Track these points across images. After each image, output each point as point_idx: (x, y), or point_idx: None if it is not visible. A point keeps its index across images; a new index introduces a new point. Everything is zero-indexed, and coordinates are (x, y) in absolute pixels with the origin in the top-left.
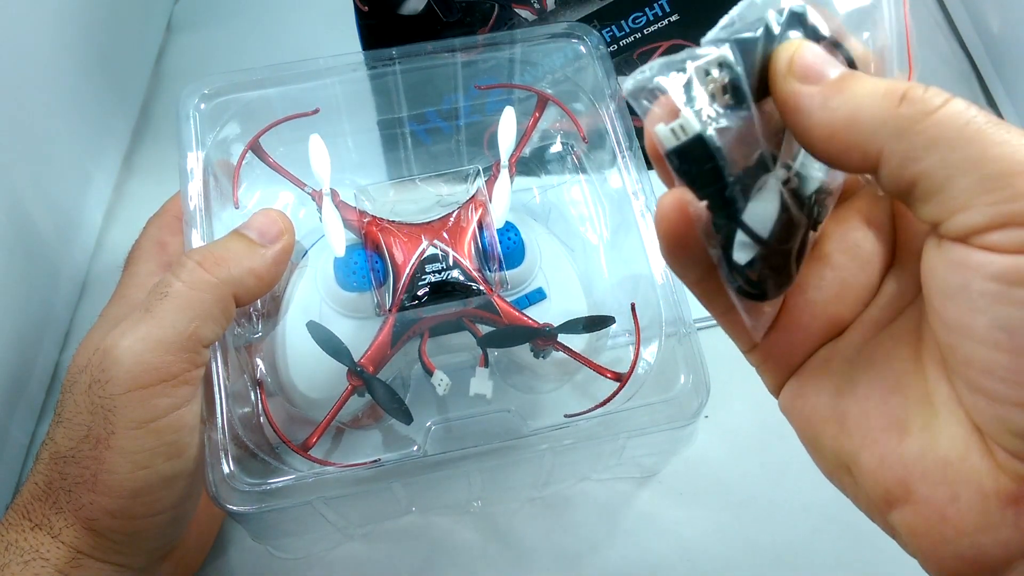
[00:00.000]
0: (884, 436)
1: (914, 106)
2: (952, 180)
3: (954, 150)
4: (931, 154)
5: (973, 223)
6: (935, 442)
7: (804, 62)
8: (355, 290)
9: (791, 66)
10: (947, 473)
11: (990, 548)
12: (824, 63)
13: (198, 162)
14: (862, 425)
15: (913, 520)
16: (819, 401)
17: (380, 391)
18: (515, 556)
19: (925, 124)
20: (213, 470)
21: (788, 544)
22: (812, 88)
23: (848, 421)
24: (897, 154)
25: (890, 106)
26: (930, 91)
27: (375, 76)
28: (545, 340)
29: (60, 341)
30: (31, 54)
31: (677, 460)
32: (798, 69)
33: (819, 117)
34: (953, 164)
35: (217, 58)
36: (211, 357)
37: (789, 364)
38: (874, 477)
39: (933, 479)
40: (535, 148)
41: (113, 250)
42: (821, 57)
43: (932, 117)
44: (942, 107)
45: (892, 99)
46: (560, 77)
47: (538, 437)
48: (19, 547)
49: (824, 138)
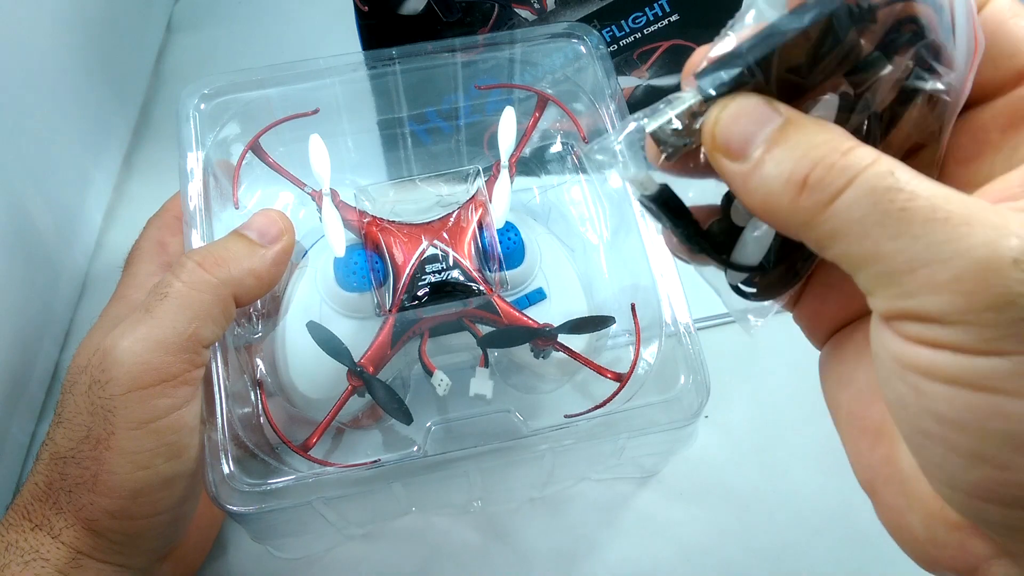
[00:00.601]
0: (862, 438)
1: (813, 196)
2: (856, 270)
3: (853, 243)
4: (834, 245)
5: (879, 308)
6: (898, 456)
7: (725, 136)
8: (355, 290)
9: (714, 141)
10: (903, 487)
11: (942, 560)
12: (745, 135)
13: (198, 162)
14: (848, 420)
15: (881, 516)
16: (829, 383)
17: (380, 391)
18: (515, 556)
19: (823, 217)
20: (213, 470)
21: (788, 544)
22: (734, 167)
23: (840, 413)
24: (809, 241)
25: (792, 196)
26: (837, 167)
27: (375, 76)
28: (545, 340)
29: (60, 341)
30: (31, 54)
31: (677, 460)
32: (720, 145)
33: (744, 198)
34: (852, 257)
35: (217, 58)
36: (211, 357)
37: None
38: (853, 469)
39: (893, 488)
40: (535, 148)
41: (113, 250)
42: (744, 125)
43: (829, 209)
44: (844, 191)
45: (794, 187)
46: (560, 77)
47: (538, 437)
48: (19, 547)
49: (757, 214)
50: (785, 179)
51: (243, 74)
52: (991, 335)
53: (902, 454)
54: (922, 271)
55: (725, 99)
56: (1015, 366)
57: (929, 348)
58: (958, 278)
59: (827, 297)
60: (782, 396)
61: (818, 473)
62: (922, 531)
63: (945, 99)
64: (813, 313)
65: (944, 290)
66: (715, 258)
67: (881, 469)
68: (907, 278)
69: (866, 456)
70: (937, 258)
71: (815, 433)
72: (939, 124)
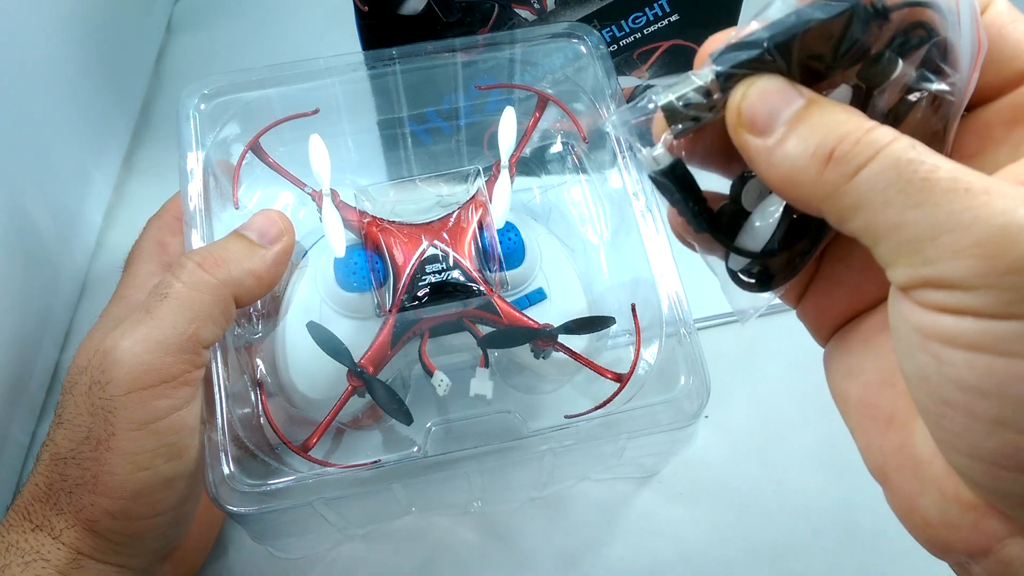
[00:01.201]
0: (872, 425)
1: (838, 168)
2: (877, 241)
3: (876, 213)
4: (857, 216)
5: (899, 279)
6: (910, 440)
7: (751, 112)
8: (355, 290)
9: (739, 117)
10: (916, 470)
11: (954, 543)
12: (772, 111)
13: (198, 162)
14: (858, 410)
15: (891, 502)
16: (835, 379)
17: (380, 392)
18: (515, 556)
19: (847, 188)
20: (213, 471)
21: (788, 544)
22: (759, 142)
23: (849, 402)
24: (830, 214)
25: (817, 169)
26: (863, 142)
27: (375, 76)
28: (545, 340)
29: (60, 341)
30: (31, 54)
31: (677, 460)
32: (746, 120)
33: (767, 172)
34: (874, 227)
35: (217, 58)
36: (211, 358)
37: (825, 326)
38: (864, 458)
39: (905, 473)
40: (535, 148)
41: (113, 250)
42: (770, 102)
43: (854, 181)
44: (868, 163)
45: (820, 160)
46: (560, 77)
47: (538, 438)
48: (20, 548)
49: (777, 189)
50: (811, 153)
51: (243, 74)
52: (1011, 298)
53: (916, 438)
54: (944, 237)
55: (751, 78)
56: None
57: (950, 315)
58: (979, 243)
59: (832, 293)
60: (782, 396)
61: (818, 473)
62: (935, 514)
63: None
64: (817, 309)
65: (965, 255)
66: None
67: (893, 455)
68: (929, 245)
69: (877, 443)
70: (959, 224)
71: (815, 433)
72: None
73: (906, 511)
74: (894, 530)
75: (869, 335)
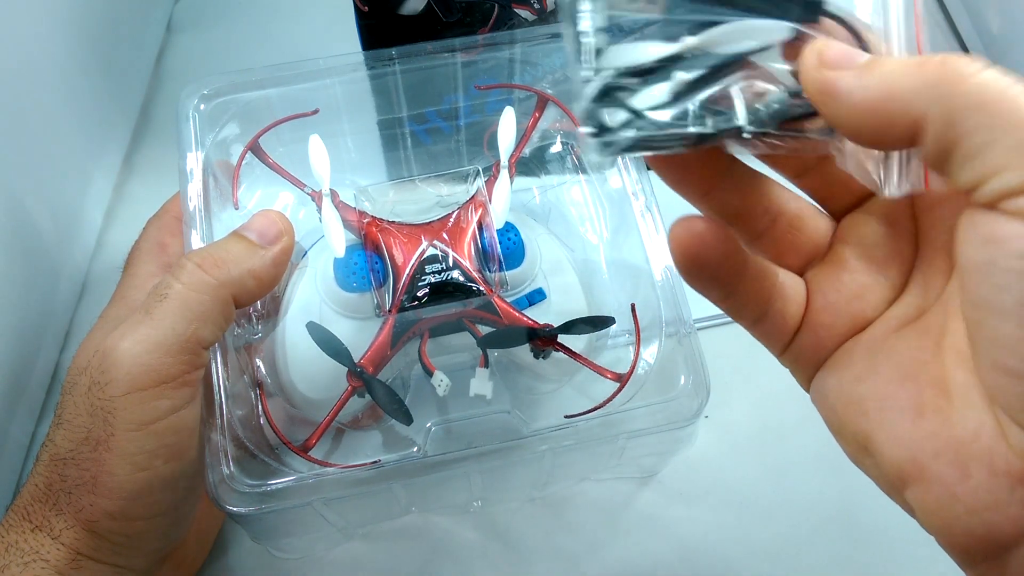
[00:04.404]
0: (899, 417)
1: (955, 69)
2: (994, 141)
3: (996, 113)
4: (974, 115)
5: (1008, 185)
6: (948, 423)
7: (831, 53)
8: (355, 291)
9: (820, 58)
10: (959, 453)
11: (1000, 525)
12: (851, 53)
13: (198, 163)
14: (879, 407)
15: (925, 498)
16: (841, 388)
17: (380, 392)
18: (515, 556)
19: (966, 87)
20: (213, 471)
21: (788, 544)
22: (844, 72)
23: (866, 403)
24: (939, 118)
25: (930, 71)
26: (965, 58)
27: (375, 76)
28: (545, 340)
29: (60, 341)
30: (31, 54)
31: (677, 460)
32: (828, 60)
33: (856, 97)
34: (995, 126)
35: (217, 58)
36: (211, 358)
37: (817, 360)
38: (889, 455)
39: (945, 458)
40: (535, 148)
41: (113, 250)
42: (847, 48)
43: (973, 80)
44: (981, 71)
45: (930, 65)
46: (560, 77)
47: (538, 438)
48: (19, 548)
49: (863, 115)
50: (918, 62)
51: (243, 74)
52: None
53: (955, 420)
54: None
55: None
56: None
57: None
58: None
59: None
60: (782, 396)
61: (818, 473)
62: (983, 495)
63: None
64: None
65: None
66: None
67: (929, 443)
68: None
69: (908, 435)
70: None
71: (815, 433)
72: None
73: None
74: (894, 530)
75: (874, 343)
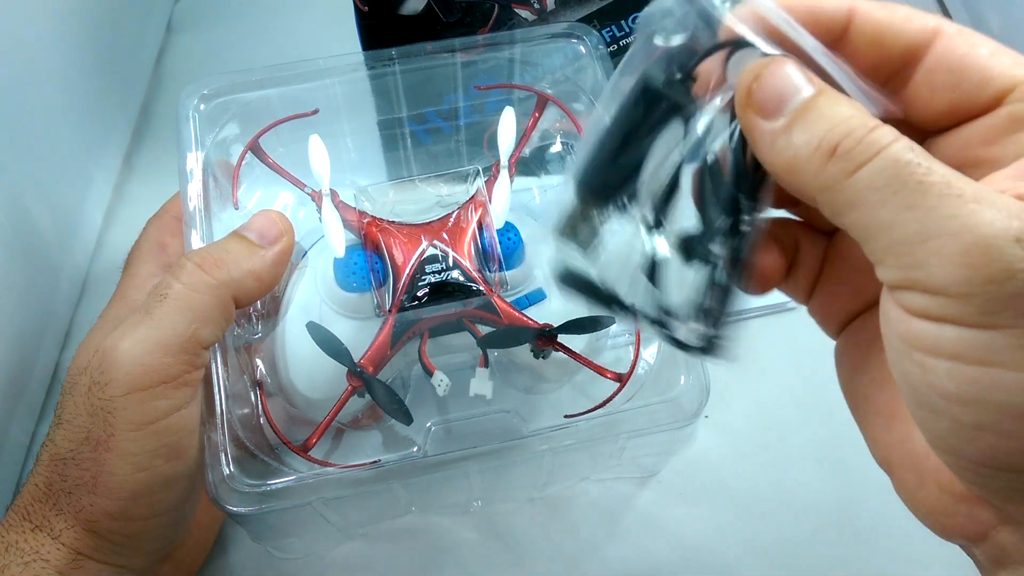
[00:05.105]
0: (876, 420)
1: (839, 164)
2: (868, 238)
3: (870, 211)
4: (852, 212)
5: (887, 278)
6: (910, 436)
7: (761, 95)
8: (355, 291)
9: (749, 97)
10: (916, 464)
11: (953, 528)
12: (782, 96)
13: (198, 163)
14: (864, 405)
15: (898, 491)
16: (844, 371)
17: (380, 392)
18: (515, 556)
19: (846, 184)
20: (213, 471)
21: (788, 544)
22: (766, 125)
23: (857, 397)
24: (826, 206)
25: (820, 162)
26: (865, 141)
27: (375, 76)
28: (545, 340)
29: (60, 341)
30: (31, 54)
31: (677, 460)
32: (755, 102)
33: (768, 156)
34: (868, 225)
35: (217, 58)
36: (211, 358)
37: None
38: (870, 450)
39: (907, 466)
40: (535, 148)
41: (113, 250)
42: (781, 86)
43: (853, 177)
44: (869, 162)
45: (823, 154)
46: (560, 77)
47: (538, 438)
48: (19, 548)
49: (774, 173)
50: (815, 145)
51: (243, 74)
52: (990, 308)
53: (915, 434)
54: (932, 242)
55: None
56: (1011, 339)
57: (933, 322)
58: (964, 251)
59: (837, 291)
60: (782, 396)
61: (818, 473)
62: (935, 504)
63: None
64: (825, 307)
65: (950, 262)
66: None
67: (896, 449)
68: (917, 247)
69: (882, 437)
70: (947, 231)
71: (815, 433)
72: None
73: (910, 500)
74: (893, 529)
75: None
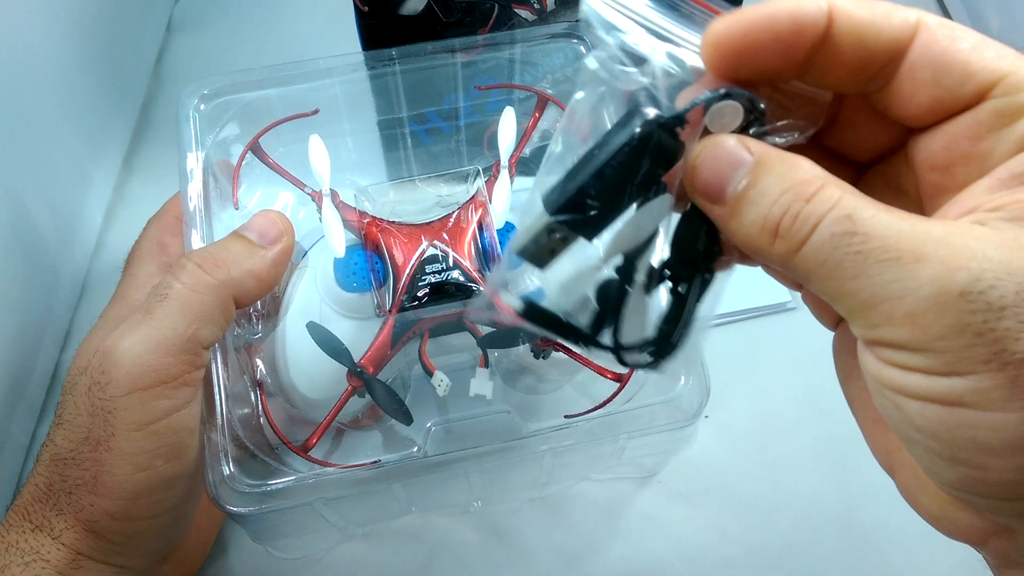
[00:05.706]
0: (876, 426)
1: (783, 244)
2: (832, 302)
3: (823, 282)
4: (809, 283)
5: (858, 335)
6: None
7: (703, 183)
8: (355, 291)
9: (694, 184)
10: (915, 471)
11: (956, 533)
12: (721, 179)
13: (198, 163)
14: (862, 411)
15: (901, 493)
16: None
17: (380, 392)
18: (515, 556)
19: (795, 261)
20: (213, 471)
21: (788, 544)
22: (715, 210)
23: (854, 403)
24: (787, 279)
25: (768, 241)
26: (801, 217)
27: (375, 76)
28: (545, 341)
29: (60, 341)
30: (31, 54)
31: (677, 460)
32: (699, 190)
33: (726, 234)
34: (825, 293)
35: (217, 58)
36: (211, 358)
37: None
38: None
39: (907, 471)
40: (535, 148)
41: (113, 250)
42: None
43: (799, 255)
44: (808, 239)
45: (768, 235)
46: (560, 77)
47: (538, 438)
48: (20, 548)
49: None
50: (759, 227)
51: (243, 74)
52: (949, 359)
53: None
54: (881, 307)
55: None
56: (973, 383)
57: (901, 370)
58: (912, 313)
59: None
60: (782, 396)
61: (818, 473)
62: (935, 510)
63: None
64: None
65: (902, 323)
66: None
67: (896, 455)
68: (870, 313)
69: (881, 442)
70: (891, 295)
71: (815, 433)
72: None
73: (913, 502)
74: (893, 530)
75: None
